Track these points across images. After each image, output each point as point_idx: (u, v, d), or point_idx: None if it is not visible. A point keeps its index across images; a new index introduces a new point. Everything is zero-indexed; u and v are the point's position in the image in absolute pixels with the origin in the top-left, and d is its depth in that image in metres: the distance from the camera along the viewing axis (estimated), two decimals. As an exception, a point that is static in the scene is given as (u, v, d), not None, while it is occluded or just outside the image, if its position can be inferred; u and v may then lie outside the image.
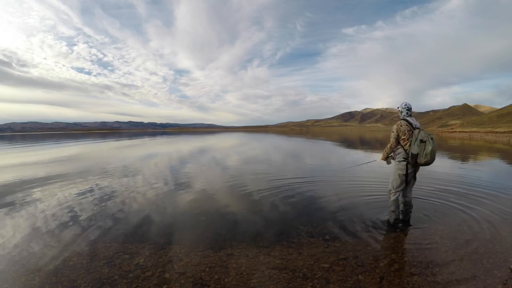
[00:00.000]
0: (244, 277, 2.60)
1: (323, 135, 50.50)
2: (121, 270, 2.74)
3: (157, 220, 4.16)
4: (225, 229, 3.77)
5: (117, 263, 2.88)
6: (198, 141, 29.74)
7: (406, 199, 3.82)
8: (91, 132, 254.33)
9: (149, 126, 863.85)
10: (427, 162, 3.46)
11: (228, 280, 2.56)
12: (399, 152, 3.74)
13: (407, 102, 3.84)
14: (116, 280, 2.56)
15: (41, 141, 35.98)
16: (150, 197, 5.47)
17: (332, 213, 4.34)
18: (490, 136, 35.18)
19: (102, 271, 2.71)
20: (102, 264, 2.85)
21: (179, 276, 2.62)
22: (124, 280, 2.56)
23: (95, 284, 2.50)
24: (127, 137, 47.66)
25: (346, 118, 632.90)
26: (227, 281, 2.54)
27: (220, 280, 2.56)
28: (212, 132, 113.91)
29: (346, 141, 27.61)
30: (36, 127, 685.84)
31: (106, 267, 2.79)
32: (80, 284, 2.50)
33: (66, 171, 8.91)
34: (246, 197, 5.42)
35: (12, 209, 4.76)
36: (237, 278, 2.59)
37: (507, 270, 2.64)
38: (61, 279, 2.58)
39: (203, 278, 2.59)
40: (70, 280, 2.57)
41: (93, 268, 2.78)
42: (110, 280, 2.57)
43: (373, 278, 2.55)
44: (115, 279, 2.58)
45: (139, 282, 2.53)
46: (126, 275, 2.64)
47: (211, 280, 2.55)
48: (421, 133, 3.51)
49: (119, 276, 2.62)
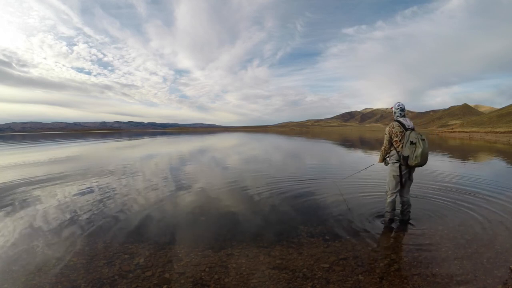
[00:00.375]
0: (244, 277, 2.60)
1: (323, 135, 50.49)
2: (121, 270, 2.74)
3: (157, 220, 4.16)
4: (225, 229, 3.77)
5: (117, 263, 2.88)
6: (198, 141, 29.74)
7: (404, 199, 3.82)
8: (91, 132, 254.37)
9: (149, 126, 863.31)
10: (418, 164, 3.42)
11: (228, 280, 2.56)
12: (392, 153, 3.75)
13: (400, 103, 3.82)
14: (116, 280, 2.56)
15: (41, 141, 35.98)
16: (150, 197, 5.47)
17: (332, 213, 4.34)
18: (490, 136, 35.17)
19: (102, 271, 2.71)
20: (102, 264, 2.85)
21: (179, 276, 2.62)
22: (124, 280, 2.56)
23: (95, 284, 2.50)
24: (127, 137, 47.66)
25: (346, 118, 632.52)
26: (227, 281, 2.54)
27: (220, 280, 2.55)
28: (212, 132, 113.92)
29: (346, 141, 27.60)
30: (36, 127, 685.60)
31: (106, 267, 2.79)
32: (80, 284, 2.50)
33: (66, 171, 8.91)
34: (246, 197, 5.42)
35: (12, 209, 4.76)
36: (237, 278, 2.59)
37: (507, 270, 2.64)
38: (61, 279, 2.58)
39: (203, 278, 2.58)
40: (70, 280, 2.57)
41: (93, 268, 2.78)
42: (110, 280, 2.57)
43: (373, 278, 2.55)
44: (115, 279, 2.58)
45: (139, 282, 2.53)
46: (126, 275, 2.64)
47: (211, 280, 2.55)
48: (412, 134, 3.45)
49: (119, 276, 2.62)
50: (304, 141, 29.21)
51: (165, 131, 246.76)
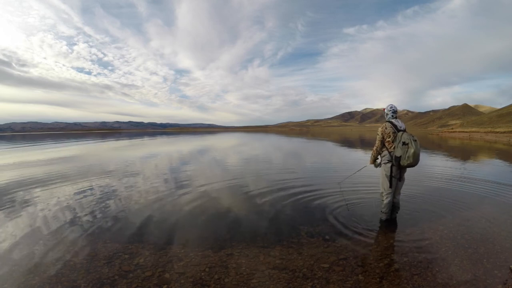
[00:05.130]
0: (244, 277, 2.60)
1: (323, 135, 50.49)
2: (121, 270, 2.74)
3: (157, 220, 4.16)
4: (225, 229, 3.77)
5: (117, 263, 2.88)
6: (198, 141, 29.73)
7: (394, 200, 3.86)
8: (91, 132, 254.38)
9: (149, 126, 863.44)
10: (410, 164, 3.47)
11: (228, 280, 2.56)
12: (384, 154, 3.79)
13: (393, 105, 3.89)
14: (116, 280, 2.56)
15: (41, 141, 35.98)
16: (150, 197, 5.47)
17: (332, 213, 4.34)
18: (490, 136, 35.17)
19: (102, 271, 2.71)
20: (102, 264, 2.85)
21: (179, 276, 2.62)
22: (124, 280, 2.56)
23: (95, 284, 2.50)
24: (127, 137, 47.65)
25: (346, 118, 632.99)
26: (227, 281, 2.54)
27: (220, 280, 2.55)
28: (212, 132, 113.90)
29: (346, 141, 27.60)
30: (36, 127, 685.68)
31: (106, 267, 2.79)
32: (80, 284, 2.50)
33: (66, 171, 8.91)
34: (246, 197, 5.42)
35: (12, 208, 4.76)
36: (237, 278, 2.59)
37: (507, 270, 2.64)
38: (61, 279, 2.58)
39: (203, 278, 2.58)
40: (70, 280, 2.57)
41: (93, 268, 2.78)
42: (110, 280, 2.57)
43: (373, 278, 2.55)
44: (115, 279, 2.58)
45: (139, 282, 2.53)
46: (126, 275, 2.64)
47: (211, 280, 2.55)
48: (404, 135, 3.51)
49: (119, 276, 2.62)
50: (304, 141, 29.21)
51: (165, 131, 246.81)
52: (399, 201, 3.91)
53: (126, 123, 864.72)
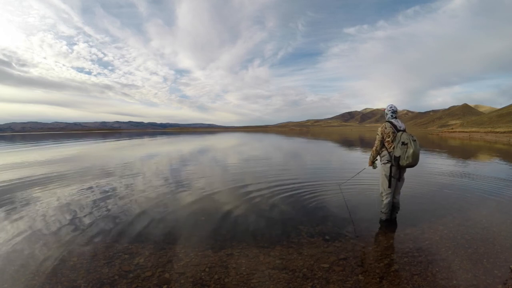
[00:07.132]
0: (244, 277, 2.60)
1: (323, 135, 50.50)
2: (121, 270, 2.74)
3: (157, 220, 4.16)
4: (225, 229, 3.77)
5: (117, 263, 2.87)
6: (198, 141, 29.73)
7: (394, 200, 3.85)
8: (91, 132, 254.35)
9: (149, 126, 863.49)
10: (409, 164, 3.46)
11: (228, 280, 2.56)
12: (383, 154, 3.78)
13: (392, 105, 3.89)
14: (116, 280, 2.56)
15: (41, 141, 35.98)
16: (150, 197, 5.47)
17: (332, 213, 4.34)
18: (490, 136, 35.16)
19: (102, 271, 2.71)
20: (102, 264, 2.85)
21: (179, 276, 2.62)
22: (124, 280, 2.56)
23: (95, 284, 2.50)
24: (127, 137, 47.65)
25: (346, 118, 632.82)
26: (227, 281, 2.54)
27: (220, 280, 2.55)
28: (212, 132, 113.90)
29: (346, 142, 27.60)
30: (36, 127, 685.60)
31: (106, 267, 2.79)
32: (80, 284, 2.50)
33: (67, 171, 8.91)
34: (246, 197, 5.42)
35: (12, 208, 4.76)
36: (237, 278, 2.59)
37: (507, 270, 2.64)
38: (61, 279, 2.58)
39: (203, 278, 2.58)
40: (70, 280, 2.57)
41: (93, 268, 2.78)
42: (110, 280, 2.57)
43: (373, 278, 2.55)
44: (115, 279, 2.58)
45: (139, 282, 2.53)
46: (126, 275, 2.64)
47: (211, 280, 2.55)
48: (403, 135, 3.51)
49: (119, 276, 2.62)
50: (304, 141, 29.21)
51: (165, 131, 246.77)
52: (399, 201, 3.91)
53: (126, 123, 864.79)
